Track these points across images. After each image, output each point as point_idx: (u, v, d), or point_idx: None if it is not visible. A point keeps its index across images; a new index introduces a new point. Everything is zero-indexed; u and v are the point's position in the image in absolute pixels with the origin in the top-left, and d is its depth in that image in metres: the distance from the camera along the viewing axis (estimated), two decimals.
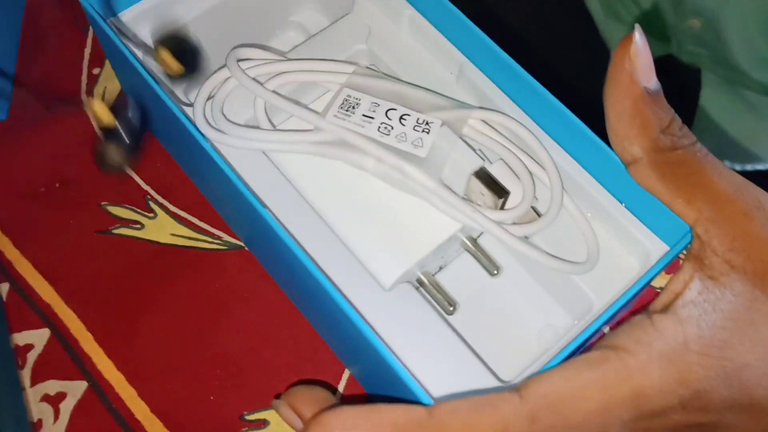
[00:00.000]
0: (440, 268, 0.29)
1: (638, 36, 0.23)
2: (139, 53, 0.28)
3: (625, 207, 0.26)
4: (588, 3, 0.60)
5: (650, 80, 0.23)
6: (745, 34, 0.49)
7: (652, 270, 0.24)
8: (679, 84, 0.57)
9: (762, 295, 0.21)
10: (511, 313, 0.29)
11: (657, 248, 0.25)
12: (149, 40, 0.29)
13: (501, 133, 0.27)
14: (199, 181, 0.33)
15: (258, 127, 0.28)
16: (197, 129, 0.26)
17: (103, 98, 0.35)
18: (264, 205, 0.25)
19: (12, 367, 0.30)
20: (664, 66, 0.56)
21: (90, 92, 0.35)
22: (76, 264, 0.32)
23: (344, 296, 0.23)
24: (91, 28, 0.37)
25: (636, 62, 0.23)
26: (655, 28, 0.56)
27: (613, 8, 0.58)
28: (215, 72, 0.28)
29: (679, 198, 0.23)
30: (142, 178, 0.33)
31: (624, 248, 0.26)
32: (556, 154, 0.27)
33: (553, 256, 0.26)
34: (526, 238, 0.26)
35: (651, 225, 0.26)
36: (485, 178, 0.26)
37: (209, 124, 0.27)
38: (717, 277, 0.22)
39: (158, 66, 0.28)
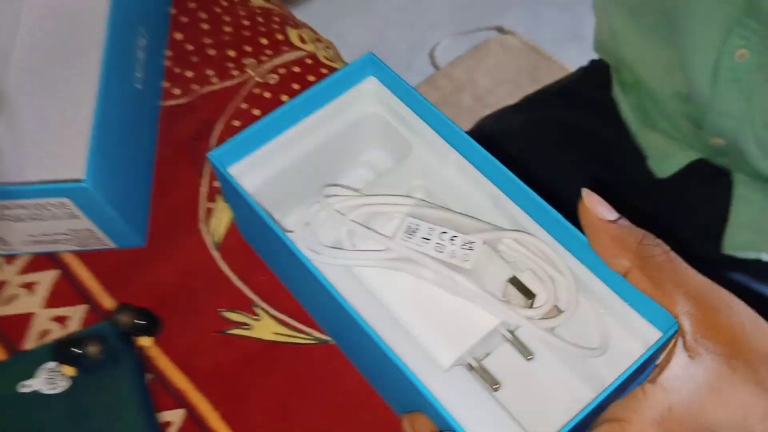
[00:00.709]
0: (486, 355, 0.37)
1: (585, 193, 0.32)
2: (249, 193, 0.38)
3: (628, 304, 0.34)
4: (623, 114, 0.66)
5: (610, 215, 0.31)
6: (765, 148, 0.55)
7: (649, 351, 0.31)
8: (712, 185, 0.62)
9: (727, 370, 0.28)
10: (543, 390, 0.36)
11: (653, 334, 0.33)
12: (255, 184, 0.39)
13: (528, 249, 0.36)
14: (294, 289, 0.42)
15: (342, 248, 0.37)
16: (298, 251, 0.35)
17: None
18: (349, 306, 0.33)
19: None
20: (696, 170, 0.62)
21: (207, 221, 0.45)
22: (202, 358, 0.40)
23: (415, 374, 0.31)
24: (205, 173, 0.47)
25: (592, 207, 0.31)
26: (686, 138, 0.61)
27: (648, 119, 0.64)
28: (310, 206, 0.37)
29: (664, 297, 0.30)
30: (249, 289, 0.43)
31: (629, 335, 0.34)
32: (571, 263, 0.35)
33: (573, 344, 0.33)
34: (551, 330, 0.34)
35: (648, 316, 0.33)
36: (517, 284, 0.34)
37: (307, 246, 0.36)
38: (694, 356, 0.29)
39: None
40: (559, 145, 0.68)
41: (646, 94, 0.63)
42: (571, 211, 0.35)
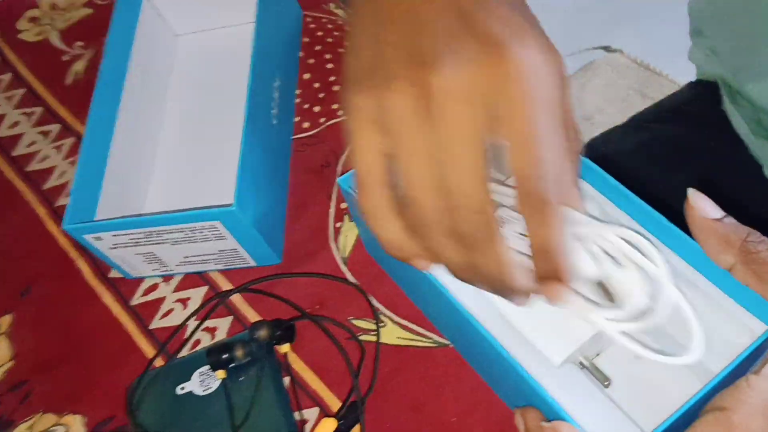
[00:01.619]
0: (597, 354, 0.39)
1: (690, 192, 0.34)
2: None
3: (734, 299, 0.35)
4: (736, 126, 0.65)
5: (716, 213, 0.33)
6: None
7: (755, 343, 0.32)
8: None
9: None
10: (652, 383, 0.38)
11: (759, 327, 0.34)
12: None
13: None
14: (415, 297, 0.46)
15: None
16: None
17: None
18: (465, 311, 0.36)
19: None
20: None
21: (336, 239, 0.50)
22: (333, 361, 0.45)
23: (528, 372, 0.34)
24: (333, 196, 0.52)
25: (698, 205, 0.33)
26: None
27: (762, 129, 0.63)
28: None
29: (767, 292, 0.32)
30: (375, 299, 0.47)
31: (735, 328, 0.35)
32: (677, 262, 0.37)
33: (659, 352, 0.35)
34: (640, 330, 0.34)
35: (754, 310, 0.34)
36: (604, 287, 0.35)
37: None
38: None
39: None
40: (671, 163, 0.69)
41: (760, 109, 0.63)
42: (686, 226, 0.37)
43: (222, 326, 0.48)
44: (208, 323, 0.48)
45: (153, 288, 0.51)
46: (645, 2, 1.53)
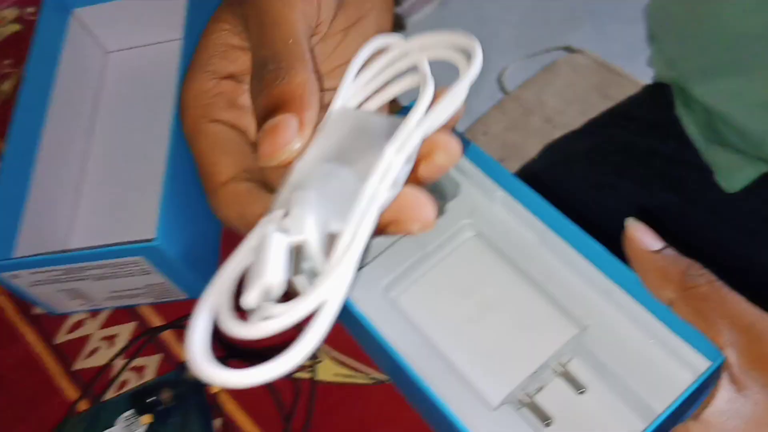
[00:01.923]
0: (538, 390, 0.37)
1: (629, 223, 0.32)
2: None
3: (677, 334, 0.33)
4: (688, 131, 0.64)
5: (655, 245, 0.31)
6: None
7: (698, 380, 0.31)
8: None
9: None
10: (594, 422, 0.36)
11: (703, 364, 0.32)
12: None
13: None
14: (350, 328, 0.43)
15: None
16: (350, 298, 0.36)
17: None
18: (391, 347, 0.34)
19: None
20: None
21: None
22: (266, 401, 0.42)
23: (459, 417, 0.32)
24: None
25: (636, 237, 0.32)
26: (756, 151, 0.59)
27: (715, 135, 0.62)
28: None
29: (708, 328, 0.30)
30: None
31: (679, 365, 0.33)
32: (620, 296, 0.35)
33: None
34: None
35: (698, 346, 0.33)
36: None
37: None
38: (741, 390, 0.29)
39: None
40: (622, 168, 0.68)
41: (712, 113, 0.62)
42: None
43: (151, 365, 0.45)
44: (136, 362, 0.46)
45: (79, 324, 0.48)
46: (605, 1, 1.52)
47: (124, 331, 0.47)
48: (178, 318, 0.47)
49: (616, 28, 1.49)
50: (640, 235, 0.32)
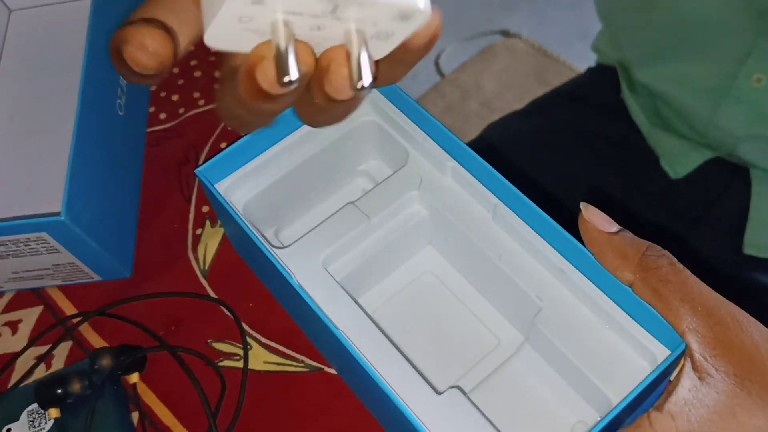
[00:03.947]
0: (485, 377, 0.35)
1: (583, 206, 0.30)
2: (239, 209, 0.36)
3: (634, 319, 0.31)
4: (633, 115, 0.64)
5: (611, 227, 0.29)
6: None
7: (656, 371, 0.29)
8: (730, 183, 0.60)
9: (741, 392, 0.26)
10: (547, 412, 0.34)
11: (662, 353, 0.30)
12: (247, 199, 0.37)
13: None
14: (289, 310, 0.40)
15: None
16: (285, 270, 0.33)
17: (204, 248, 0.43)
18: (338, 329, 0.31)
19: None
20: (712, 168, 0.60)
21: (194, 249, 0.44)
22: (189, 393, 0.39)
23: (403, 401, 0.29)
24: (193, 197, 0.46)
25: (591, 220, 0.29)
26: (700, 138, 0.59)
27: (659, 120, 0.62)
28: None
29: (669, 311, 0.28)
30: (239, 317, 0.41)
31: (636, 353, 0.31)
32: (575, 276, 0.33)
33: None
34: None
35: (656, 333, 0.31)
36: None
37: (299, 265, 0.34)
38: (704, 378, 0.27)
39: None
40: (568, 150, 0.67)
41: (657, 97, 0.61)
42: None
43: (59, 354, 0.41)
44: (42, 350, 0.41)
45: None
46: None
47: (29, 316, 0.42)
48: (97, 308, 0.42)
49: (553, 14, 1.48)
50: (595, 217, 0.30)
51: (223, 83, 0.23)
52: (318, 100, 0.21)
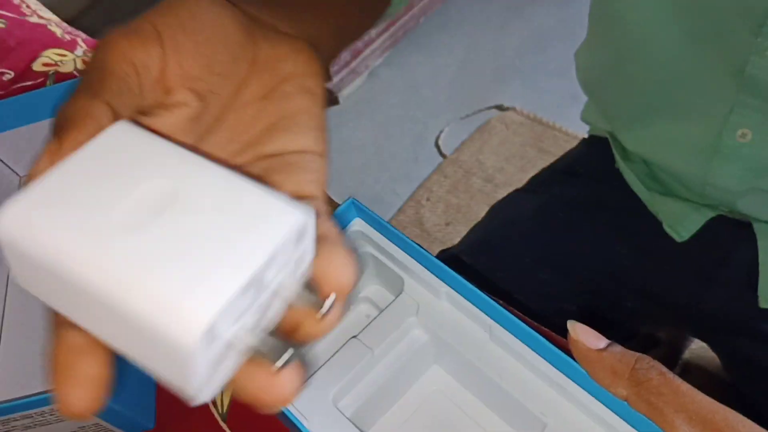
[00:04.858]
0: None
1: (570, 324, 0.31)
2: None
3: (636, 430, 0.32)
4: (630, 183, 0.64)
5: (600, 343, 0.31)
6: None
7: None
8: (736, 239, 0.60)
9: None
10: None
11: None
12: None
13: None
14: None
15: None
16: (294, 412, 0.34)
17: None
18: None
19: None
20: (716, 226, 0.61)
21: None
22: None
23: None
24: None
25: (579, 338, 0.31)
26: (700, 198, 0.60)
27: (656, 185, 0.63)
28: None
29: (665, 423, 0.29)
30: None
31: None
32: (575, 390, 0.33)
33: None
34: None
35: None
36: None
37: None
38: None
39: None
40: (572, 224, 0.67)
41: (650, 164, 0.62)
42: (595, 288, 0.32)
43: None
44: None
45: None
46: (527, 56, 1.56)
47: None
48: None
49: (543, 83, 1.52)
50: (584, 336, 0.31)
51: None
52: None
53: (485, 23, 1.64)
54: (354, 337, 0.38)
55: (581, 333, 0.31)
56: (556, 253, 0.66)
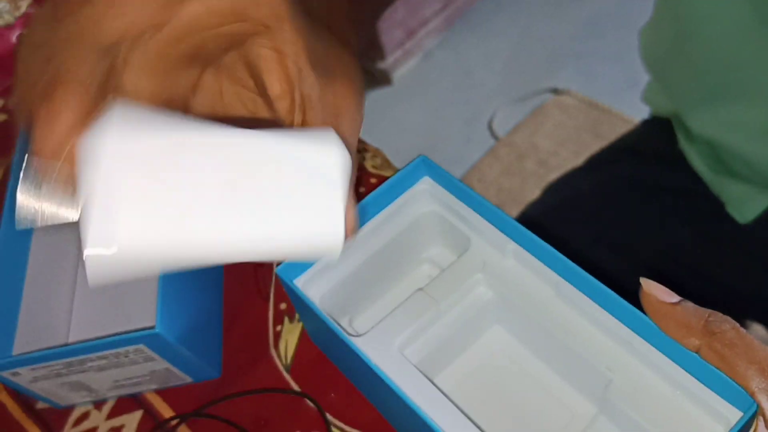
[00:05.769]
0: None
1: (643, 281, 0.32)
2: (317, 302, 0.39)
3: (704, 384, 0.32)
4: (693, 164, 0.64)
5: (672, 298, 0.31)
6: None
7: None
8: None
9: None
10: None
11: (734, 415, 0.31)
12: (322, 292, 0.40)
13: None
14: (371, 396, 0.42)
15: None
16: (365, 356, 0.35)
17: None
18: (423, 411, 0.32)
19: None
20: None
21: (276, 345, 0.46)
22: None
23: None
24: (271, 296, 0.49)
25: (652, 293, 0.31)
26: (765, 180, 0.59)
27: (721, 166, 0.62)
28: None
29: (737, 374, 0.29)
30: (323, 408, 0.43)
31: (709, 417, 0.32)
32: (642, 346, 0.34)
33: None
34: None
35: (727, 396, 0.31)
36: None
37: (377, 350, 0.36)
38: None
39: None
40: (631, 204, 0.67)
41: (715, 145, 0.61)
42: (654, 268, 0.33)
43: None
44: None
45: (84, 417, 0.47)
46: (583, 40, 1.54)
47: (131, 421, 0.46)
48: (192, 408, 0.45)
49: (599, 68, 1.50)
50: (657, 291, 0.31)
51: None
52: None
53: (541, 6, 1.62)
54: (420, 289, 0.39)
55: (654, 288, 0.31)
56: (615, 232, 0.66)
